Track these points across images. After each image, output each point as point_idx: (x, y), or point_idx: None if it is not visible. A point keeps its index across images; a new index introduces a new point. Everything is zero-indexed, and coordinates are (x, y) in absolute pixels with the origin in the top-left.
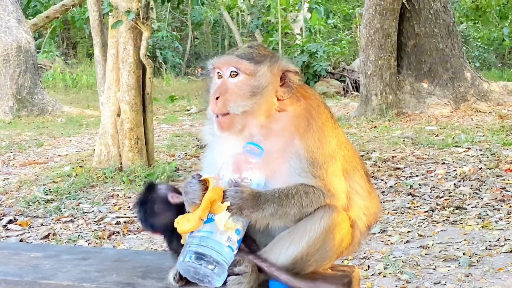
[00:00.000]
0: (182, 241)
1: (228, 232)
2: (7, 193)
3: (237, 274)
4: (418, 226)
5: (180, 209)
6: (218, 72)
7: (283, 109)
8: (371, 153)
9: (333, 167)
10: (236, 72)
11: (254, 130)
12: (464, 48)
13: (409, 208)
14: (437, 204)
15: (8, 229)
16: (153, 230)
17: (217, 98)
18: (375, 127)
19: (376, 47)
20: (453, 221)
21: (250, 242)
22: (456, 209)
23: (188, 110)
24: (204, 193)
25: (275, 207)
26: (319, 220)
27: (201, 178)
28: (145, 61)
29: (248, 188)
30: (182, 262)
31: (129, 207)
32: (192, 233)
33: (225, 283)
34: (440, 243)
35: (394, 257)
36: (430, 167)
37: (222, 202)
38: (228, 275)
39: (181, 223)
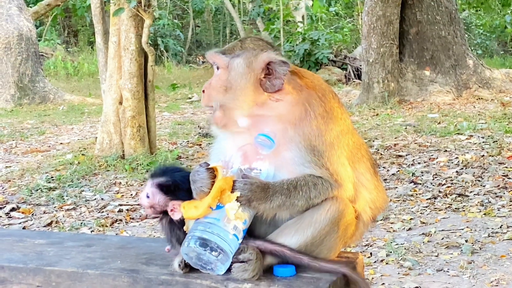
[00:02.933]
0: (185, 228)
1: (235, 221)
2: (9, 181)
3: (242, 262)
4: (421, 213)
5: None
6: (217, 66)
7: (280, 99)
8: (373, 141)
9: (337, 156)
10: (217, 65)
11: (242, 121)
12: (466, 35)
13: (412, 195)
14: (440, 192)
15: (11, 217)
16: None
17: (203, 91)
18: (377, 114)
19: (378, 34)
20: (456, 208)
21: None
22: (459, 197)
23: (189, 98)
24: (212, 182)
25: (283, 199)
26: (325, 212)
27: (209, 167)
28: (147, 48)
29: (257, 179)
30: (186, 247)
31: (131, 195)
32: (198, 219)
33: (229, 270)
34: (442, 230)
35: (397, 244)
36: (432, 155)
37: (232, 192)
38: (233, 263)
39: (188, 209)
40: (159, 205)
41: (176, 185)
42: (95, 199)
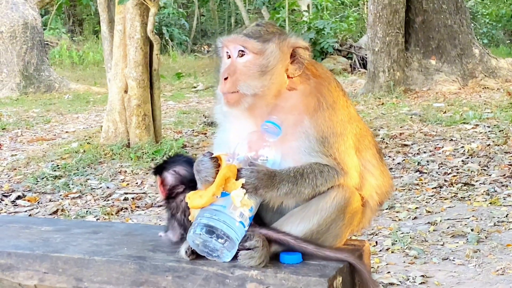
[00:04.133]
0: (190, 218)
1: (242, 208)
2: (15, 169)
3: (248, 249)
4: (426, 202)
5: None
6: (227, 52)
7: (293, 87)
8: (379, 130)
9: (345, 145)
10: (243, 51)
11: (263, 109)
12: (472, 25)
13: (417, 184)
14: (445, 181)
15: (16, 205)
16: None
17: (225, 79)
18: (383, 104)
19: (384, 23)
20: (461, 197)
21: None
22: (464, 186)
23: (194, 87)
24: (217, 171)
25: (290, 187)
26: (331, 199)
27: (213, 156)
28: (152, 37)
29: (264, 167)
30: (192, 234)
31: (136, 183)
32: (204, 207)
33: (235, 257)
34: (448, 219)
35: (402, 233)
36: (438, 144)
37: (237, 179)
38: (239, 250)
39: (193, 198)
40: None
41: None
42: (101, 187)
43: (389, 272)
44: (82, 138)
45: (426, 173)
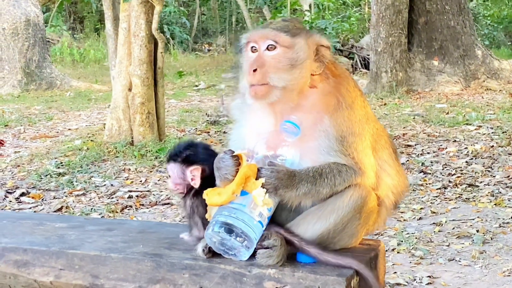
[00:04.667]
0: (207, 216)
1: (262, 207)
2: (18, 166)
3: (267, 248)
4: (431, 203)
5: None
6: (253, 46)
7: (314, 85)
8: None
9: (362, 145)
10: (273, 45)
11: (285, 105)
12: (474, 26)
13: (421, 185)
14: (450, 182)
15: (20, 202)
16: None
17: (254, 70)
18: (385, 104)
19: (387, 23)
20: (466, 198)
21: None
22: (469, 187)
23: (196, 86)
24: (237, 169)
25: (309, 187)
26: (348, 198)
27: (234, 154)
28: (157, 35)
29: (284, 167)
30: (210, 232)
31: (140, 181)
32: (223, 206)
33: (253, 255)
34: (453, 220)
35: (408, 233)
36: (441, 145)
37: (256, 179)
38: (257, 249)
39: (211, 196)
40: (179, 178)
41: (191, 153)
42: (105, 185)
43: (395, 272)
44: (85, 135)
45: (430, 173)
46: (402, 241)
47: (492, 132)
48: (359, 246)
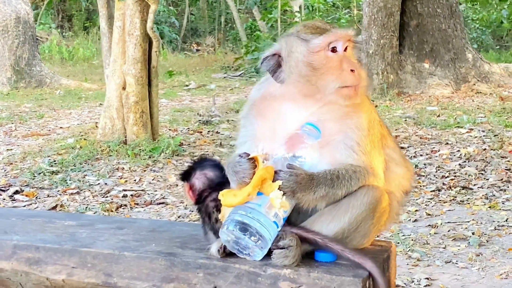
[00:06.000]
0: (220, 216)
1: (279, 209)
2: (11, 164)
3: (282, 248)
4: (426, 205)
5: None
6: (334, 47)
7: None
8: None
9: (374, 145)
10: (348, 44)
11: (314, 105)
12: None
13: (416, 187)
14: (444, 184)
15: (14, 200)
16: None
17: (352, 71)
18: (376, 106)
19: (378, 26)
20: (460, 201)
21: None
22: (463, 189)
23: (187, 85)
24: (254, 172)
25: (326, 189)
26: (362, 197)
27: (250, 157)
28: (152, 34)
29: (302, 170)
30: (225, 230)
31: (135, 180)
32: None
33: (268, 255)
34: (448, 222)
35: (404, 235)
36: (434, 147)
37: (273, 181)
38: (273, 249)
39: (226, 196)
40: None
41: (187, 170)
42: (99, 183)
43: None
44: (78, 134)
45: (424, 176)
46: (398, 243)
47: (484, 135)
48: (372, 247)
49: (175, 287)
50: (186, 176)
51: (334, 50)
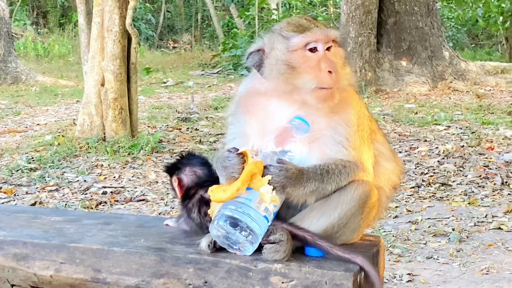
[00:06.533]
0: (209, 211)
1: (269, 203)
2: None
3: (273, 243)
4: (406, 201)
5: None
6: (313, 47)
7: None
8: None
9: (363, 140)
10: (332, 45)
11: (299, 102)
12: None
13: None
14: (423, 181)
15: None
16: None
17: (329, 72)
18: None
19: (356, 23)
20: (440, 197)
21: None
22: (442, 186)
23: (164, 82)
24: (243, 167)
25: (316, 184)
26: (352, 192)
27: (239, 152)
28: (131, 30)
29: (292, 165)
30: (215, 225)
31: (114, 177)
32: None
33: (258, 250)
34: (428, 218)
35: (385, 231)
36: (412, 144)
37: (263, 176)
38: (264, 244)
39: (216, 192)
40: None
41: (174, 164)
42: (78, 180)
43: None
44: (55, 130)
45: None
46: None
47: (462, 132)
48: (361, 242)
49: (165, 283)
50: (173, 169)
51: (313, 50)
